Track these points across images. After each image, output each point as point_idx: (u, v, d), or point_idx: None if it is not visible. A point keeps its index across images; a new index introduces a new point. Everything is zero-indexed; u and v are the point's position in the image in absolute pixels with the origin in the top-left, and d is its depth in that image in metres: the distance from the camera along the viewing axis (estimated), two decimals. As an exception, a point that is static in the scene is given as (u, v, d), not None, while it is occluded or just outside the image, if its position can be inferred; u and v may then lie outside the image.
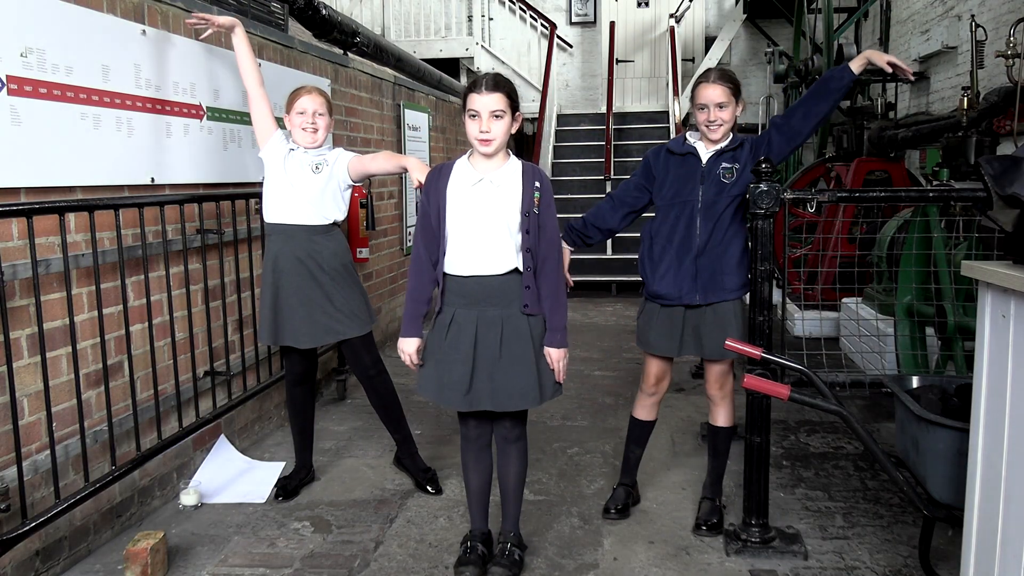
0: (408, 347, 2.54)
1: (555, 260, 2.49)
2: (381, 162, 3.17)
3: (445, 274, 2.48)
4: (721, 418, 2.96)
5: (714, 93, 2.74)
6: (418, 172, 2.90)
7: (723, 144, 2.81)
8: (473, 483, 2.68)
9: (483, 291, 2.45)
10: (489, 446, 2.66)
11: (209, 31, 3.22)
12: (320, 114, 3.06)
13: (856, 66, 2.81)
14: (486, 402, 2.48)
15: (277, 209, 3.07)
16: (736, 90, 2.78)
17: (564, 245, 3.02)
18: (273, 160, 3.09)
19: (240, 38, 3.13)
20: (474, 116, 2.41)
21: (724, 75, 2.79)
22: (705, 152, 2.82)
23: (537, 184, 2.46)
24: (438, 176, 2.52)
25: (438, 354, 2.51)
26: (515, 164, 2.50)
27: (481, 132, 2.40)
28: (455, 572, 2.60)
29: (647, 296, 2.93)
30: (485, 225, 2.43)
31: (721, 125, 2.76)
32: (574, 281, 3.03)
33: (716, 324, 2.81)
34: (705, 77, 2.79)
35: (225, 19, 3.16)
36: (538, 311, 2.49)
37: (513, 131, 2.48)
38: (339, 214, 3.11)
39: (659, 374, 2.98)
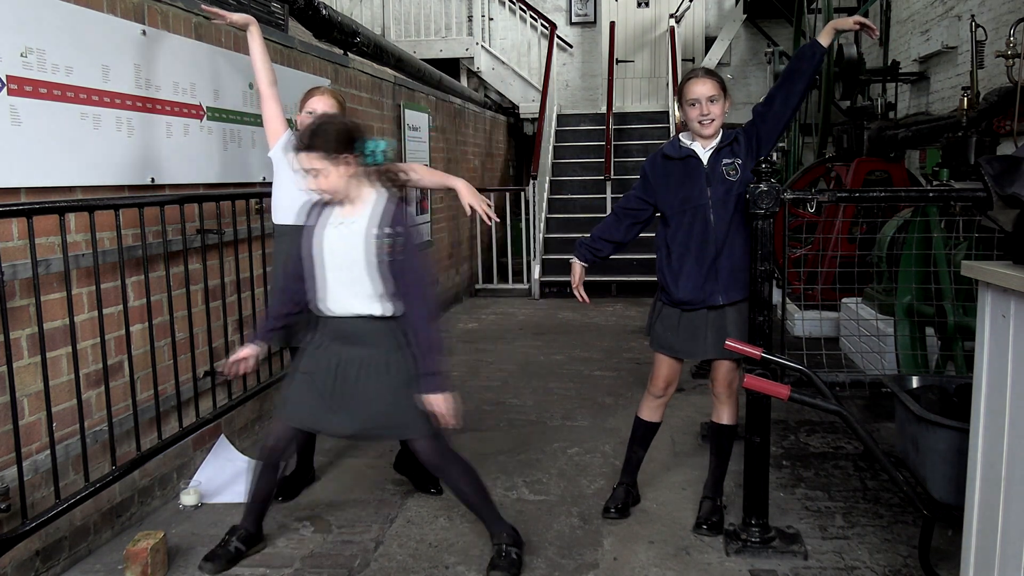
0: (241, 352, 2.58)
1: (422, 303, 2.44)
2: (418, 174, 3.14)
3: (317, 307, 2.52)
4: (726, 416, 2.95)
5: (704, 88, 2.75)
6: (469, 197, 2.93)
7: (717, 141, 2.81)
8: (257, 494, 2.71)
9: (344, 331, 2.49)
10: (278, 466, 2.68)
11: (220, 22, 3.18)
12: None
13: (825, 39, 2.83)
14: (339, 429, 2.55)
15: (288, 210, 3.04)
16: (723, 86, 2.79)
17: (575, 260, 3.02)
18: (282, 161, 3.06)
19: (255, 37, 3.08)
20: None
21: (711, 72, 2.82)
22: (704, 152, 2.81)
23: (388, 231, 2.42)
24: (314, 210, 2.53)
25: (299, 375, 2.55)
26: (372, 207, 2.45)
27: (310, 190, 2.43)
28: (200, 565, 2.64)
29: (668, 303, 2.89)
30: (342, 268, 2.44)
31: (713, 120, 2.76)
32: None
33: (737, 323, 2.81)
34: (693, 74, 2.81)
35: (239, 17, 3.11)
36: (407, 356, 2.49)
37: (349, 174, 2.41)
38: None
39: (670, 376, 2.96)
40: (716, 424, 2.99)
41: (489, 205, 2.98)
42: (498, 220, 3.06)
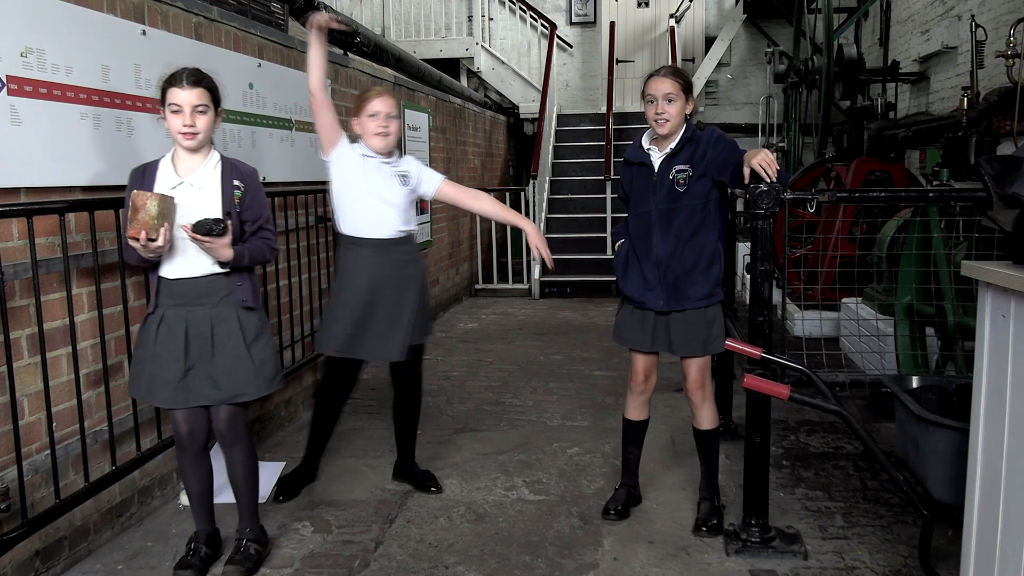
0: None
1: (261, 249, 2.56)
2: (485, 205, 3.18)
3: (159, 277, 2.48)
4: (706, 421, 2.95)
5: (663, 85, 2.75)
6: (537, 240, 3.00)
7: (673, 145, 2.78)
8: (193, 487, 2.67)
9: (190, 291, 2.47)
10: (206, 450, 2.65)
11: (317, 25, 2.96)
12: (392, 116, 2.98)
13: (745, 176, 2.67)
14: (203, 398, 2.50)
15: (365, 221, 3.00)
16: (687, 87, 2.78)
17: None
18: (350, 168, 2.99)
19: (321, 40, 2.94)
20: (177, 111, 2.39)
21: (676, 71, 2.80)
22: (657, 157, 2.80)
23: (237, 183, 2.47)
24: (141, 178, 2.46)
25: (149, 354, 2.49)
26: (214, 162, 2.50)
27: (185, 127, 2.39)
28: (174, 574, 2.60)
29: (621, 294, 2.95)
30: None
31: (668, 120, 2.74)
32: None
33: (685, 325, 2.82)
34: (656, 72, 2.81)
35: (323, 18, 2.92)
36: (255, 304, 2.54)
37: (217, 127, 2.49)
38: (415, 224, 3.16)
39: (646, 370, 2.99)
40: (698, 430, 2.99)
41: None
42: (553, 268, 3.14)
